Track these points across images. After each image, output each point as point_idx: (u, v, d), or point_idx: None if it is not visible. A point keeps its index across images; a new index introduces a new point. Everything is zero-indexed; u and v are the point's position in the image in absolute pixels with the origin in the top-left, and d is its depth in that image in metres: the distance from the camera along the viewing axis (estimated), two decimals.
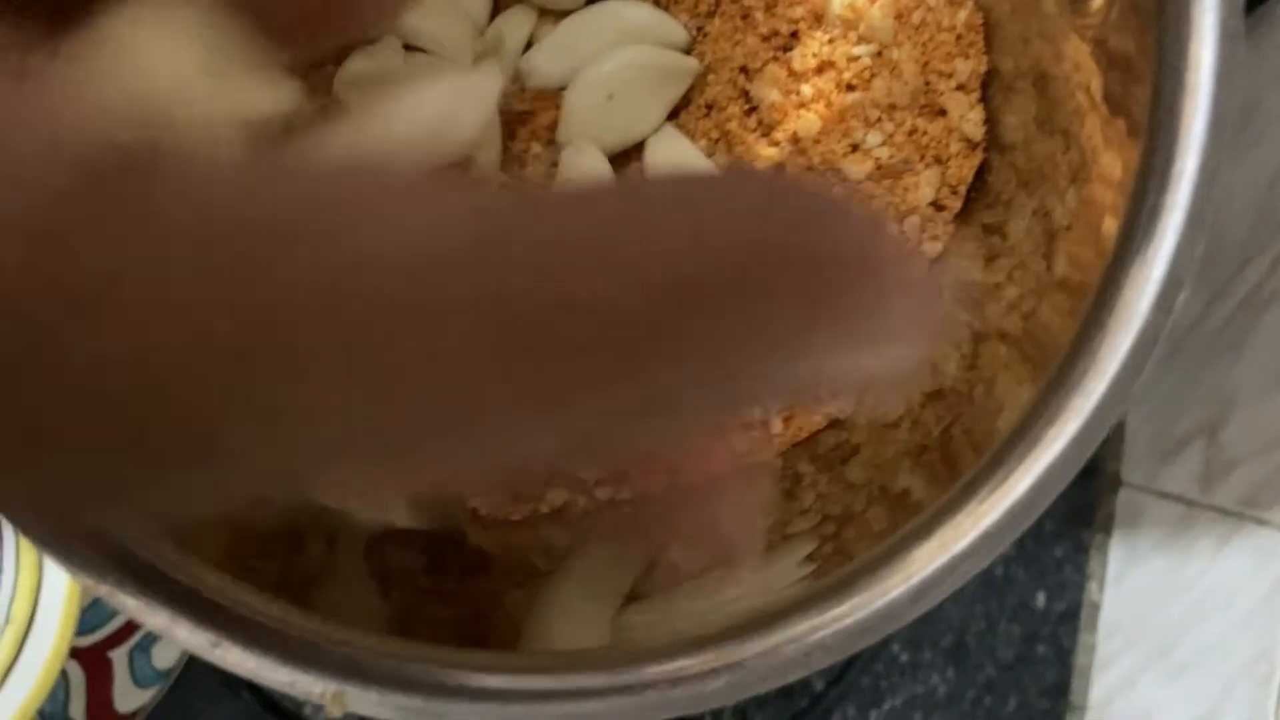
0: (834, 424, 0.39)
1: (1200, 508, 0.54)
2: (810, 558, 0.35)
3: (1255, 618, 0.50)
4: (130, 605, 0.26)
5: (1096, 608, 0.57)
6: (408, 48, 0.41)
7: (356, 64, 0.39)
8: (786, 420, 0.38)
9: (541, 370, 0.15)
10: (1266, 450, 0.51)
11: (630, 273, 0.15)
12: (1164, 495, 0.55)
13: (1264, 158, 0.50)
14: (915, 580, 0.29)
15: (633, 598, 0.38)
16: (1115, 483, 0.56)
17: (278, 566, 0.33)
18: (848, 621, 0.29)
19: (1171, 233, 0.29)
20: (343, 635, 0.28)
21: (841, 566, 0.33)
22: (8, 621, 0.35)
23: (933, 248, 0.38)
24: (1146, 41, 0.30)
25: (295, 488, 0.17)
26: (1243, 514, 0.51)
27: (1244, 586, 0.52)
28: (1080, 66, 0.35)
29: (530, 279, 0.15)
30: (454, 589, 0.37)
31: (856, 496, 0.37)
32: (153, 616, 0.26)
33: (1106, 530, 0.57)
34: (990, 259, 0.37)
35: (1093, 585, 0.57)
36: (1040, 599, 0.55)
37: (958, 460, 0.35)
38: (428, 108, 0.38)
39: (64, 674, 0.37)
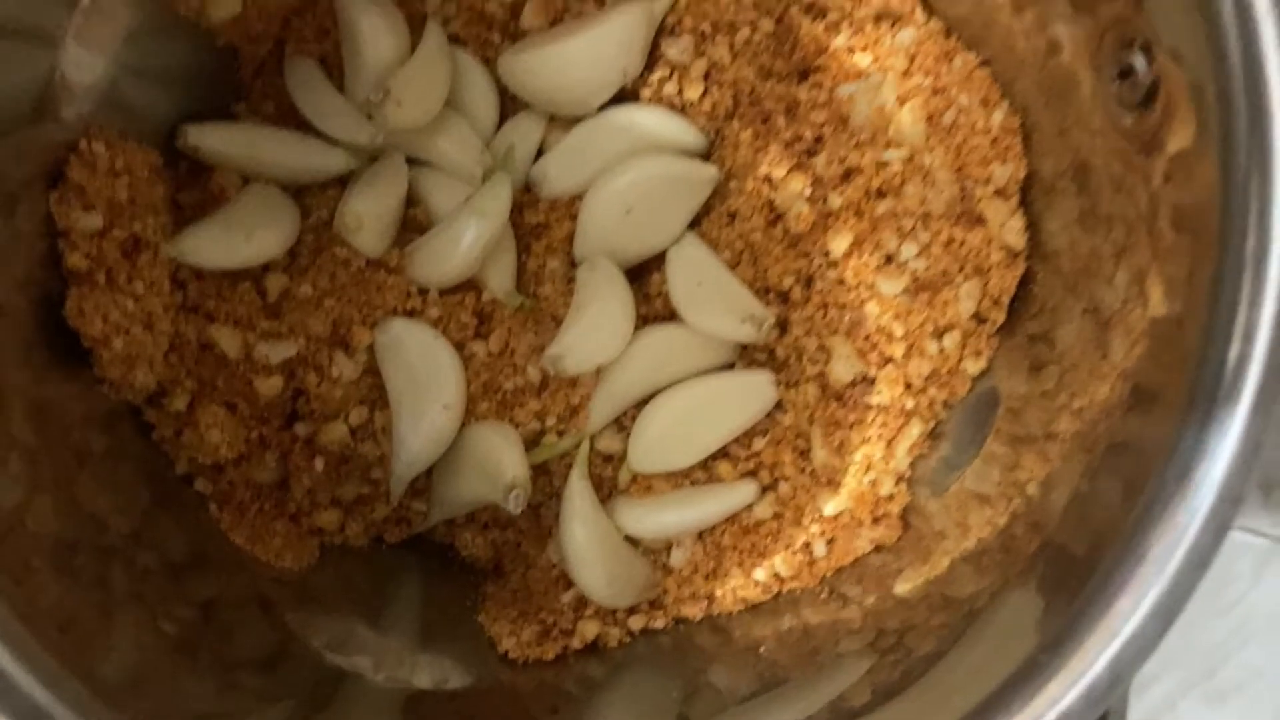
0: (878, 548, 0.37)
1: (1237, 530, 0.53)
2: (871, 671, 0.34)
3: None
4: None
5: None
6: (412, 162, 0.39)
7: (358, 201, 0.37)
8: (830, 544, 0.37)
9: None
10: None
11: None
12: None
13: None
14: None
15: None
16: None
17: None
18: None
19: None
20: None
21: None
22: None
23: (975, 364, 0.36)
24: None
25: None
26: None
27: None
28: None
29: None
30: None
31: (914, 610, 0.36)
32: None
33: None
34: (1037, 368, 0.36)
35: None
36: None
37: (1020, 550, 0.33)
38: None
39: None
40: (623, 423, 0.38)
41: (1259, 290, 0.26)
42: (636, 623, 0.38)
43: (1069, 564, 0.30)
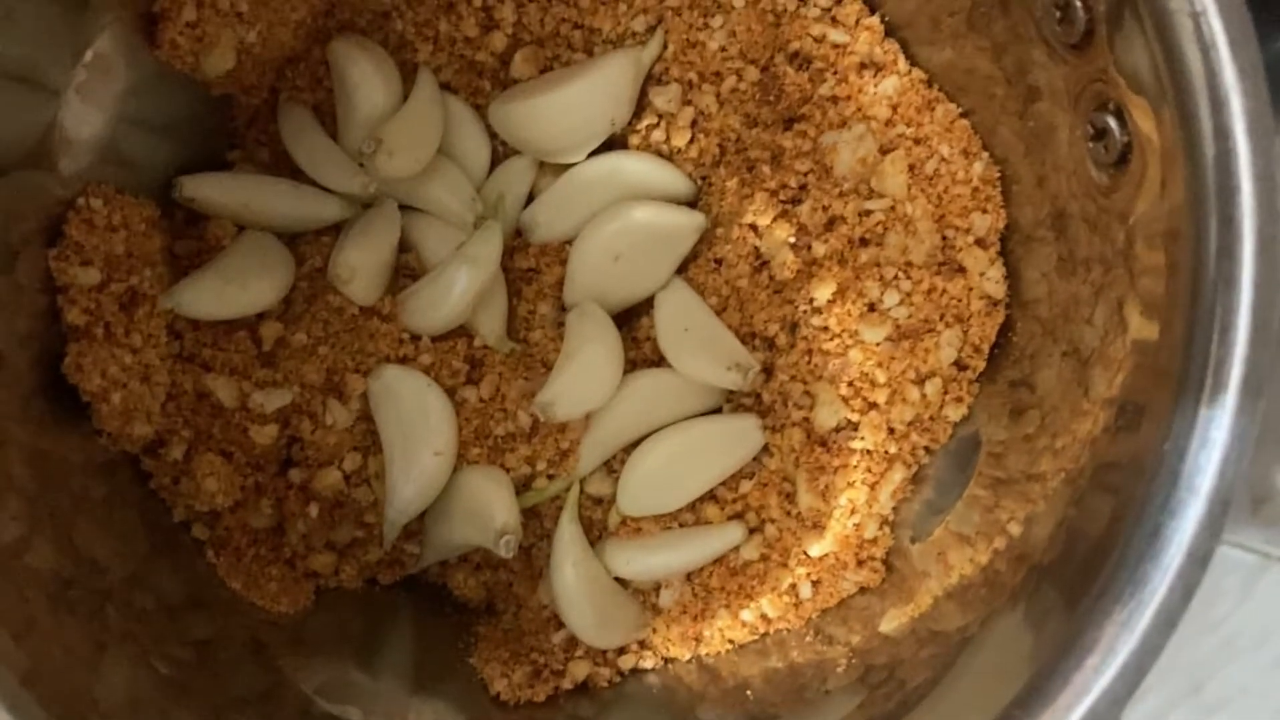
0: (862, 589, 0.38)
1: (1225, 545, 0.53)
2: (863, 705, 0.35)
3: None
4: None
5: None
6: (405, 208, 0.40)
7: (351, 253, 0.38)
8: (815, 586, 0.38)
9: None
10: None
11: None
12: None
13: None
14: None
15: None
16: None
17: None
18: None
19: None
20: None
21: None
22: None
23: (956, 410, 0.37)
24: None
25: None
26: (1269, 554, 0.51)
27: (1275, 628, 0.51)
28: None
29: None
30: None
31: (902, 645, 0.36)
32: None
33: None
34: (1018, 413, 0.36)
35: None
36: None
37: (1005, 583, 0.34)
38: None
39: None
40: (612, 466, 0.39)
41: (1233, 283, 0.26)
42: (626, 663, 0.39)
43: (1059, 585, 0.30)
